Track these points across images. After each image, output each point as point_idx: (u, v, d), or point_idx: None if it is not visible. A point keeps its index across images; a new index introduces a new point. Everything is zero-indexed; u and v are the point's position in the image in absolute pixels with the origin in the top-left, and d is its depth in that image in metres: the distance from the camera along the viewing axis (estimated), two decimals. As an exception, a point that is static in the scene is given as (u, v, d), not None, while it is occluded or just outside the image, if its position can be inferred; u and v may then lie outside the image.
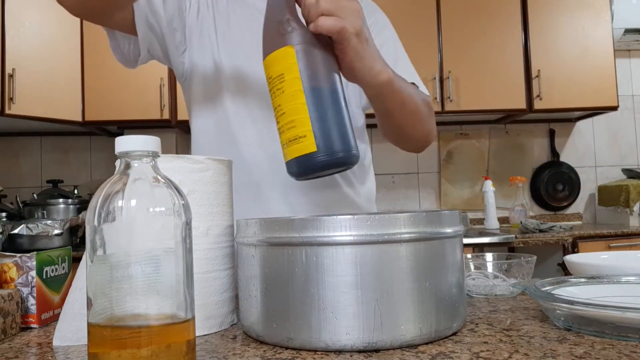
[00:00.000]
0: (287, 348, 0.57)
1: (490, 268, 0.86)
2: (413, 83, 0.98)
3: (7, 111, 2.34)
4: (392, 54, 1.03)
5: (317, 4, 0.66)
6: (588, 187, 3.28)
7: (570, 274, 0.87)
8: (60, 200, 2.46)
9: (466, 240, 2.38)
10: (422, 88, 1.02)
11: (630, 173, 3.12)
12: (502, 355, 0.52)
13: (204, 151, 1.03)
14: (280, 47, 0.63)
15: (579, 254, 0.95)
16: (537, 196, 3.23)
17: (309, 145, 0.60)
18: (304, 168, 0.61)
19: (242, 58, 1.00)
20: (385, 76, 0.76)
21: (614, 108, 2.91)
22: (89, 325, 0.47)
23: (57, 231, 2.22)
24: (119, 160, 0.51)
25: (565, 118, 3.24)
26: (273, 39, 0.63)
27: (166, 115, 2.61)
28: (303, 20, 0.68)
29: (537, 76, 2.84)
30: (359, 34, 0.69)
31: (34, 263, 0.72)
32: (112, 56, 1.09)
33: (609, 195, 3.00)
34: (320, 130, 0.59)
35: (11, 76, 2.35)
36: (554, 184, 3.21)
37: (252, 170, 0.99)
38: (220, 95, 1.01)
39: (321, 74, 0.63)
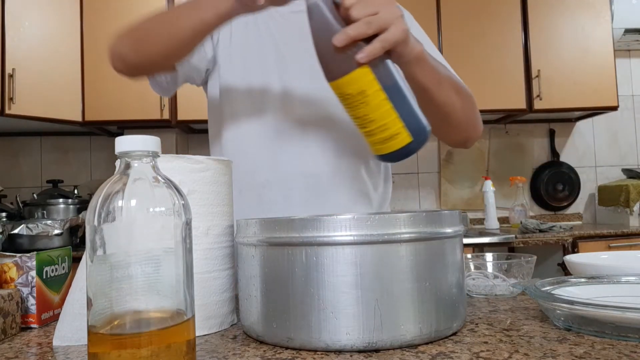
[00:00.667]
0: (287, 348, 0.57)
1: (490, 268, 0.86)
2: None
3: (7, 111, 2.34)
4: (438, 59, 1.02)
5: (375, 20, 0.65)
6: (588, 187, 3.28)
7: (570, 274, 0.87)
8: (60, 200, 2.46)
9: (466, 240, 2.38)
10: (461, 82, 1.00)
11: (630, 173, 3.12)
12: (502, 355, 0.52)
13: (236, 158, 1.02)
14: (355, 68, 0.66)
15: (579, 254, 0.95)
16: (537, 196, 3.23)
17: (404, 138, 0.68)
18: (404, 155, 0.70)
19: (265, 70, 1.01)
20: (417, 50, 0.75)
21: (614, 108, 2.91)
22: (89, 325, 0.47)
23: (57, 231, 2.22)
24: (119, 160, 0.51)
25: (565, 118, 3.24)
26: (342, 63, 0.66)
27: (166, 115, 2.61)
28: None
29: (537, 76, 2.84)
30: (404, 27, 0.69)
31: (34, 263, 0.72)
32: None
33: (609, 195, 3.00)
34: (410, 125, 0.68)
35: (11, 76, 2.35)
36: (554, 184, 3.21)
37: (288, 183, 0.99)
38: (266, 110, 1.01)
39: (394, 78, 0.68)
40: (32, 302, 0.72)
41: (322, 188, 0.99)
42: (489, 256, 0.89)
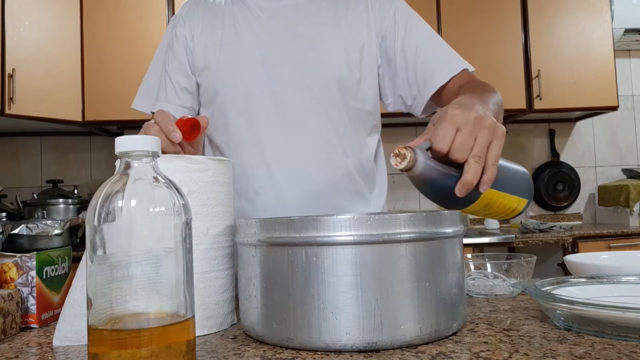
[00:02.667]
0: (287, 348, 0.57)
1: (490, 268, 0.86)
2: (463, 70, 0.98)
3: (7, 111, 2.34)
4: (432, 46, 1.02)
5: (479, 151, 0.62)
6: (588, 187, 3.28)
7: (570, 274, 0.87)
8: (60, 200, 2.46)
9: (466, 240, 2.38)
10: (467, 65, 1.01)
11: (630, 173, 3.12)
12: (502, 355, 0.52)
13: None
14: (478, 196, 0.66)
15: (579, 254, 0.95)
16: (537, 196, 3.22)
17: (521, 203, 0.73)
18: (523, 212, 0.75)
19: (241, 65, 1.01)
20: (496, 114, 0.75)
21: (614, 108, 2.91)
22: (89, 325, 0.47)
23: (57, 231, 2.22)
24: (119, 160, 0.51)
25: (565, 118, 3.24)
26: (465, 198, 0.64)
27: (166, 115, 2.60)
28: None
29: (537, 76, 2.84)
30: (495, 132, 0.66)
31: (34, 263, 0.72)
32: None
33: (609, 195, 3.00)
34: (522, 194, 0.72)
35: (11, 76, 2.35)
36: (554, 184, 3.21)
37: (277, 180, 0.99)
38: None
39: (501, 175, 0.67)
40: (32, 302, 0.72)
41: (317, 191, 0.98)
42: (489, 256, 0.89)
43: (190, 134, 0.78)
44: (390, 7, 1.05)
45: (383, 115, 1.11)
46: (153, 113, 0.98)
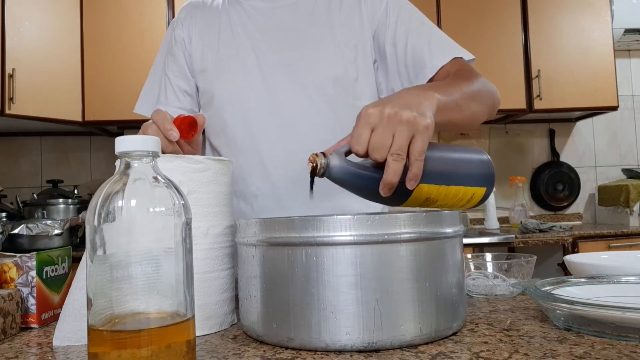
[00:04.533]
0: (287, 348, 0.57)
1: (490, 268, 0.86)
2: (454, 58, 0.95)
3: (7, 111, 2.34)
4: (423, 35, 0.99)
5: (399, 148, 0.59)
6: (588, 187, 3.28)
7: (570, 274, 0.87)
8: (60, 200, 2.46)
9: (466, 240, 2.38)
10: (463, 53, 0.97)
11: (630, 173, 3.12)
12: (502, 355, 0.52)
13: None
14: (410, 193, 0.64)
15: (579, 254, 0.95)
16: (537, 196, 3.22)
17: (479, 192, 0.70)
18: (486, 199, 0.73)
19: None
20: (434, 106, 0.69)
21: (614, 108, 2.91)
22: (89, 325, 0.47)
23: (57, 231, 2.22)
24: (119, 160, 0.51)
25: (565, 118, 3.23)
26: (396, 195, 0.63)
27: (166, 115, 2.60)
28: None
29: (537, 76, 2.84)
30: (415, 127, 0.61)
31: (34, 263, 0.72)
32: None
33: (609, 195, 3.00)
34: (476, 183, 0.69)
35: (11, 76, 2.35)
36: (554, 184, 3.21)
37: (275, 182, 0.98)
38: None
39: (440, 168, 0.66)
40: (32, 302, 0.72)
41: (315, 192, 0.98)
42: (489, 256, 0.89)
43: (188, 133, 0.78)
44: (382, 0, 1.02)
45: None
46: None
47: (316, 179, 0.65)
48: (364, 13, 1.02)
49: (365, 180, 0.63)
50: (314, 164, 0.62)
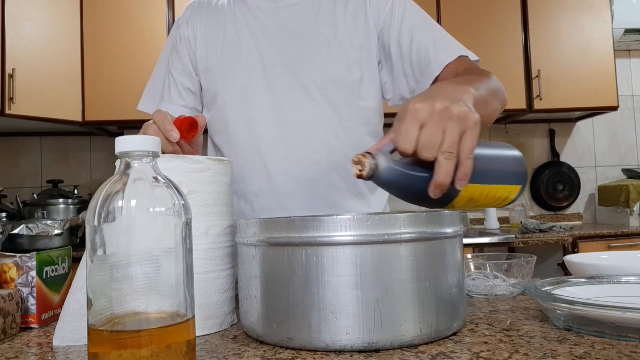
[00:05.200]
0: (287, 348, 0.57)
1: (490, 268, 0.86)
2: (461, 56, 0.95)
3: (7, 111, 2.34)
4: (428, 33, 0.99)
5: (450, 146, 0.56)
6: (588, 187, 3.28)
7: (570, 274, 0.87)
8: (60, 200, 2.46)
9: (466, 240, 2.38)
10: (469, 53, 0.97)
11: (630, 173, 3.12)
12: (502, 355, 0.52)
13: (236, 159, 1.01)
14: (457, 194, 0.60)
15: (579, 254, 0.95)
16: (537, 196, 3.22)
17: (514, 190, 0.67)
18: (519, 197, 0.71)
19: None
20: (474, 100, 0.66)
21: (614, 108, 2.91)
22: (89, 325, 0.47)
23: (57, 231, 2.22)
24: (119, 160, 0.51)
25: (565, 118, 3.24)
26: (443, 197, 0.60)
27: (166, 115, 2.60)
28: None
29: (537, 76, 2.84)
30: (466, 123, 0.58)
31: (34, 263, 0.72)
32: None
33: (609, 195, 3.00)
34: (511, 181, 0.67)
35: (11, 76, 2.35)
36: (554, 184, 3.21)
37: (277, 180, 0.98)
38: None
39: (483, 167, 0.62)
40: (32, 302, 0.72)
41: (316, 192, 0.98)
42: (489, 256, 0.89)
43: (188, 133, 0.78)
44: (388, 0, 1.03)
45: (386, 115, 1.11)
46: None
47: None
48: (369, 13, 1.02)
49: (414, 181, 0.58)
50: (361, 166, 0.57)
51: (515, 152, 0.68)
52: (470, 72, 0.89)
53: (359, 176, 0.58)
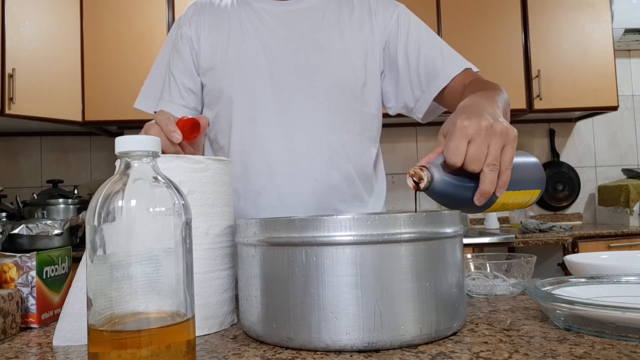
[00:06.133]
0: (287, 348, 0.57)
1: (490, 268, 0.86)
2: (466, 69, 1.00)
3: (7, 111, 2.34)
4: (434, 46, 1.03)
5: (493, 159, 0.62)
6: (588, 187, 3.28)
7: (570, 274, 0.87)
8: (60, 200, 2.46)
9: (466, 240, 2.38)
10: (470, 65, 1.01)
11: (630, 173, 3.12)
12: (502, 355, 0.52)
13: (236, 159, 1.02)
14: (495, 200, 0.66)
15: (579, 254, 0.95)
16: (537, 196, 3.22)
17: (535, 194, 0.75)
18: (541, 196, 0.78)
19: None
20: (505, 113, 0.74)
21: (614, 108, 2.91)
22: (89, 325, 0.47)
23: (57, 231, 2.22)
24: (119, 160, 0.51)
25: (565, 118, 3.24)
26: (484, 203, 0.66)
27: (166, 115, 2.60)
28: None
29: (537, 76, 2.84)
30: (507, 137, 0.65)
31: (34, 263, 0.72)
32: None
33: (609, 195, 3.00)
34: (534, 187, 0.74)
35: (11, 76, 2.35)
36: (554, 184, 3.21)
37: (278, 181, 0.99)
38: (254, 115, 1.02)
39: (514, 179, 0.68)
40: (32, 302, 0.72)
41: (318, 193, 0.99)
42: (489, 256, 0.89)
43: (190, 134, 0.78)
44: (394, 12, 1.06)
45: (387, 115, 1.12)
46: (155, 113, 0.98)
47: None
48: (374, 24, 1.05)
49: (462, 190, 0.64)
50: (417, 178, 0.63)
51: (534, 159, 0.75)
52: (480, 84, 0.93)
53: (416, 188, 0.63)
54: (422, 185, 0.62)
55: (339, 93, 1.00)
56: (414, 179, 0.63)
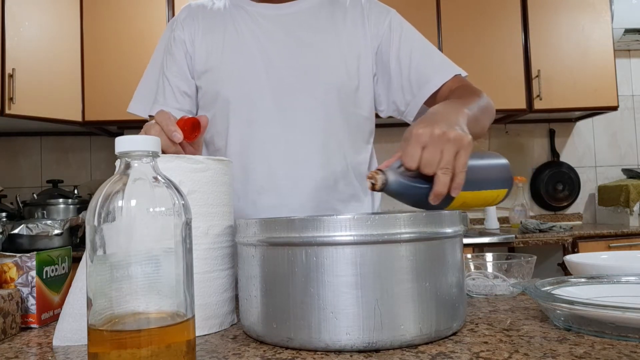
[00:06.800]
0: (287, 348, 0.57)
1: (490, 268, 0.86)
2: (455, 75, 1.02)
3: (7, 111, 2.34)
4: (426, 53, 1.05)
5: (447, 162, 0.66)
6: (588, 187, 3.28)
7: (570, 274, 0.87)
8: (60, 200, 2.46)
9: (466, 240, 2.37)
10: (460, 70, 1.04)
11: (630, 173, 3.12)
12: (502, 355, 0.52)
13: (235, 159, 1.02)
14: (451, 200, 0.71)
15: (579, 254, 0.95)
16: (537, 196, 3.22)
17: (501, 193, 0.79)
18: (507, 197, 0.81)
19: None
20: (466, 119, 0.77)
21: (614, 108, 2.91)
22: (89, 325, 0.47)
23: (57, 231, 2.22)
24: (119, 160, 0.51)
25: (565, 118, 3.23)
26: (441, 202, 0.70)
27: (166, 115, 2.60)
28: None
29: (537, 76, 2.84)
30: (461, 143, 0.68)
31: (34, 263, 0.72)
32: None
33: (609, 195, 3.00)
34: (499, 185, 0.78)
35: (11, 76, 2.35)
36: (554, 184, 3.21)
37: (276, 181, 1.00)
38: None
39: (473, 176, 0.72)
40: (32, 302, 0.72)
41: (316, 192, 1.00)
42: (489, 256, 0.89)
43: (191, 134, 0.78)
44: (386, 17, 1.07)
45: (378, 116, 1.12)
46: (151, 116, 0.98)
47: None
48: (367, 27, 1.06)
49: (417, 191, 0.69)
50: (374, 181, 0.68)
51: (502, 161, 0.80)
52: (464, 89, 0.98)
53: (373, 189, 0.69)
54: (376, 187, 0.68)
55: (335, 94, 1.01)
56: (372, 181, 0.69)
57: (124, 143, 0.49)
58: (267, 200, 0.99)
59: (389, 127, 2.90)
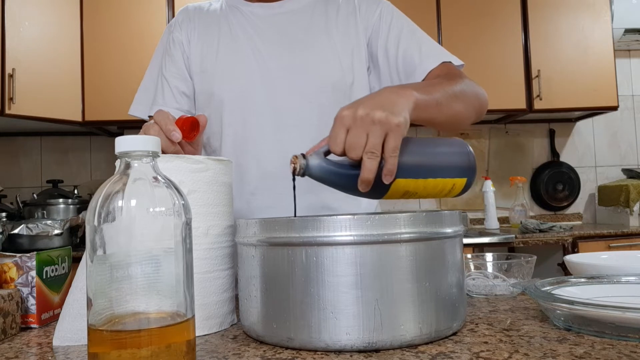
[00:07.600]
0: (287, 348, 0.57)
1: (490, 268, 0.86)
2: (444, 62, 0.98)
3: (7, 111, 2.34)
4: (414, 41, 1.02)
5: (374, 146, 0.63)
6: (588, 187, 3.28)
7: (570, 274, 0.87)
8: (60, 200, 2.46)
9: (466, 240, 2.38)
10: (452, 59, 1.00)
11: (630, 173, 3.12)
12: (502, 355, 0.52)
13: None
14: (388, 188, 0.67)
15: (579, 254, 0.95)
16: (537, 196, 3.22)
17: (460, 182, 0.73)
18: (468, 188, 0.75)
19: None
20: (412, 103, 0.71)
21: (614, 108, 2.91)
22: (89, 325, 0.47)
23: (57, 231, 2.22)
24: (119, 160, 0.51)
25: (565, 118, 3.23)
26: (374, 190, 0.67)
27: (166, 115, 2.60)
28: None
29: (537, 76, 2.84)
30: (389, 125, 0.65)
31: (34, 263, 0.72)
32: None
33: (609, 195, 3.00)
34: (456, 174, 0.72)
35: (11, 76, 2.35)
36: (554, 184, 3.21)
37: (271, 181, 0.99)
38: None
39: (415, 162, 0.69)
40: (32, 302, 0.72)
41: (311, 191, 0.98)
42: (489, 256, 0.89)
43: (190, 133, 0.78)
44: (377, 8, 1.06)
45: None
46: (150, 116, 0.98)
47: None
48: (359, 20, 1.05)
49: (344, 177, 0.66)
50: (295, 165, 0.66)
51: (463, 148, 0.73)
52: (444, 77, 0.93)
53: (294, 174, 0.67)
54: (297, 172, 0.66)
55: (329, 93, 1.01)
56: (294, 165, 0.66)
57: (124, 143, 0.49)
58: (262, 201, 0.99)
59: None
